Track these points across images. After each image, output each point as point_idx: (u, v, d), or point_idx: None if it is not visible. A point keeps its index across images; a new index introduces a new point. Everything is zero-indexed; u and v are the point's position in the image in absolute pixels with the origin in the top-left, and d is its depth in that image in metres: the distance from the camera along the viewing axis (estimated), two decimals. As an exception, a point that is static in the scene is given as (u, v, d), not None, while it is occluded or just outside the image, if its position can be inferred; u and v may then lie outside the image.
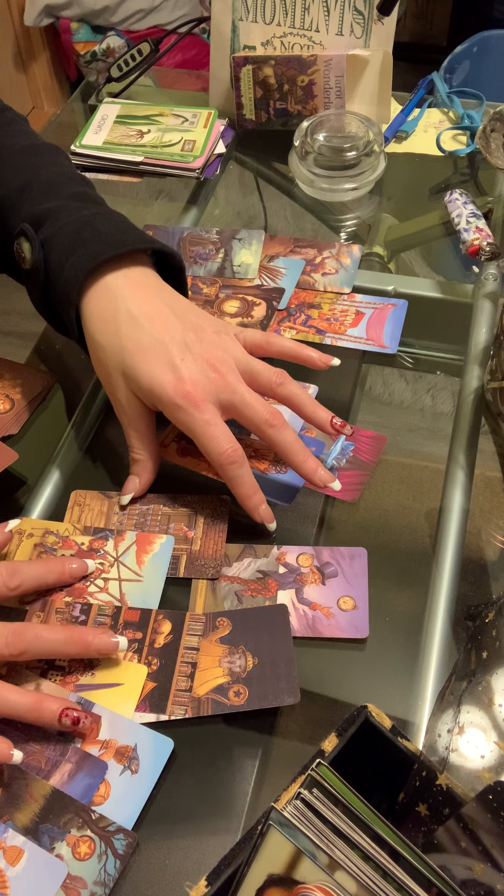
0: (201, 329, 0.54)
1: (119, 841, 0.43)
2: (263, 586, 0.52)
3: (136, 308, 0.54)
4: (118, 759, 0.45)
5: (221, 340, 0.55)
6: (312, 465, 0.53)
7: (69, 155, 0.85)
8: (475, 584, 0.53)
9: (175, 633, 0.50)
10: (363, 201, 0.82)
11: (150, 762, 0.45)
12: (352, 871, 0.33)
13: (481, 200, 0.80)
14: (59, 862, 0.42)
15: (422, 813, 0.39)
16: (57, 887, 0.41)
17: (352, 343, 0.67)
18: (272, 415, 0.53)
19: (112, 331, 0.53)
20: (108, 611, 0.51)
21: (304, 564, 0.53)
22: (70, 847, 0.42)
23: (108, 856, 0.42)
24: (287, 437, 0.53)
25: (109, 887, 0.41)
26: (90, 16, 2.16)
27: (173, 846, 0.43)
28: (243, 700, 0.47)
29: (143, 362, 0.52)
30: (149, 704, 0.47)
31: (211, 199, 0.85)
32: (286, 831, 0.34)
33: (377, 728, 0.41)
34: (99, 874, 0.42)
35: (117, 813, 0.43)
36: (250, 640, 0.50)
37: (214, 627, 0.51)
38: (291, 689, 0.47)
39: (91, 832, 0.43)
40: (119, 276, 0.55)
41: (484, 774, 0.39)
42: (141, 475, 0.56)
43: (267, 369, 0.55)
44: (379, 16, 0.81)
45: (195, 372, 0.52)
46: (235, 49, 0.87)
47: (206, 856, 0.43)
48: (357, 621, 0.51)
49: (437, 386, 0.66)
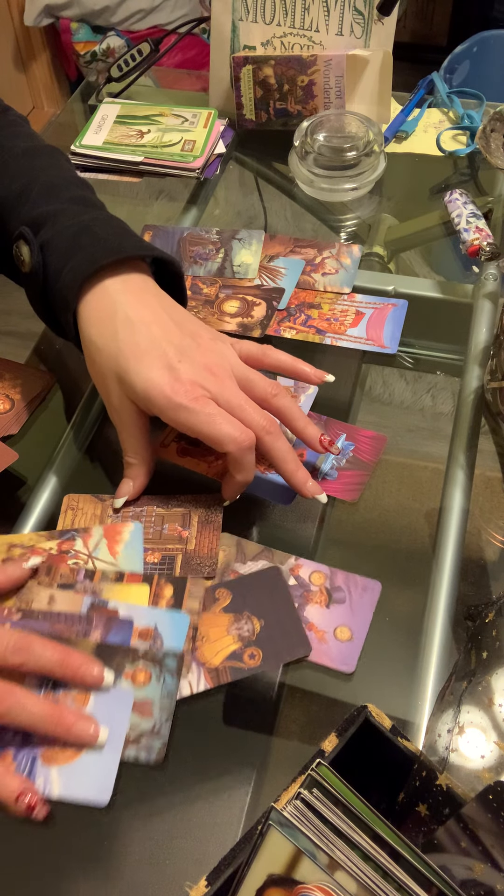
0: (199, 336, 0.54)
1: (171, 660, 0.48)
2: None
3: (133, 313, 0.53)
4: (143, 638, 0.49)
5: (218, 347, 0.55)
6: (303, 475, 0.53)
7: (69, 155, 0.85)
8: (475, 584, 0.53)
9: (177, 596, 0.51)
10: (363, 201, 0.82)
11: (172, 636, 0.49)
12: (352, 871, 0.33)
13: (481, 200, 0.80)
14: (123, 690, 0.47)
15: (422, 813, 0.39)
16: (128, 711, 0.46)
17: (352, 343, 0.67)
18: (269, 422, 0.53)
19: (109, 334, 0.53)
20: (111, 576, 0.52)
21: (314, 582, 0.52)
22: (129, 679, 0.48)
23: (164, 676, 0.48)
24: (282, 446, 0.53)
25: (174, 698, 0.47)
26: (90, 16, 2.16)
27: (173, 846, 0.43)
28: (259, 661, 0.49)
29: (140, 365, 0.52)
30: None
31: (211, 199, 0.85)
32: (286, 831, 0.34)
33: (377, 728, 0.41)
34: (161, 691, 0.47)
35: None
36: (252, 604, 0.51)
37: (215, 599, 0.52)
38: (301, 642, 0.49)
39: (143, 663, 0.48)
40: (117, 281, 0.55)
41: (484, 774, 0.39)
42: (135, 479, 0.56)
43: (262, 379, 0.55)
44: (379, 16, 0.81)
45: (192, 373, 0.52)
46: (235, 49, 0.87)
47: (206, 856, 0.43)
48: (347, 654, 0.49)
49: (437, 386, 0.66)
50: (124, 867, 0.42)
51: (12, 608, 0.51)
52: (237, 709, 0.48)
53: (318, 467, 0.59)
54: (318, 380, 0.58)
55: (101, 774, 0.44)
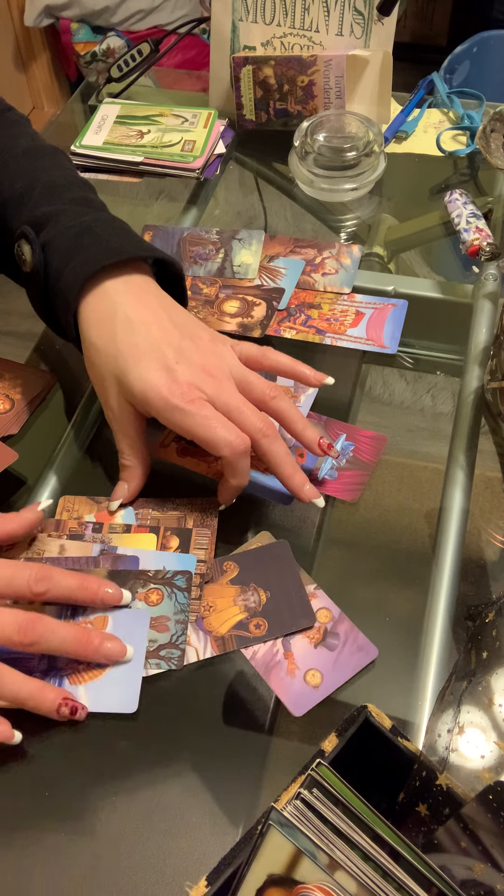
0: (198, 337, 0.54)
1: (180, 579, 0.51)
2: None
3: (133, 313, 0.54)
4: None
5: (217, 349, 0.55)
6: (300, 479, 0.53)
7: (69, 155, 0.85)
8: (475, 584, 0.53)
9: (182, 547, 0.54)
10: (363, 201, 0.82)
11: (180, 567, 0.52)
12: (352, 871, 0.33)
13: (481, 200, 0.80)
14: (139, 610, 0.50)
15: (422, 813, 0.39)
16: (146, 628, 0.49)
17: (352, 343, 0.67)
18: (267, 425, 0.52)
19: (108, 335, 0.53)
20: (118, 528, 0.54)
21: (318, 619, 0.51)
22: (143, 600, 0.51)
23: (175, 593, 0.51)
24: (279, 450, 0.53)
25: (187, 612, 0.50)
26: (90, 16, 2.16)
27: (173, 846, 0.43)
28: (264, 631, 0.50)
29: (138, 367, 0.52)
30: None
31: (211, 200, 0.85)
32: (286, 831, 0.34)
33: (377, 728, 0.41)
34: (175, 607, 0.50)
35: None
36: (259, 577, 0.52)
37: (223, 571, 0.53)
38: (306, 613, 0.51)
39: (154, 584, 0.51)
40: (118, 282, 0.55)
41: (484, 774, 0.39)
42: (130, 481, 0.56)
43: (261, 381, 0.55)
44: (379, 16, 0.81)
45: (190, 375, 0.52)
46: (235, 49, 0.87)
47: (206, 856, 0.43)
48: (305, 699, 0.47)
49: (437, 386, 0.66)
50: (124, 867, 0.42)
51: (23, 558, 0.53)
52: (237, 709, 0.48)
53: (319, 468, 0.59)
54: (318, 382, 0.58)
55: (127, 687, 0.47)
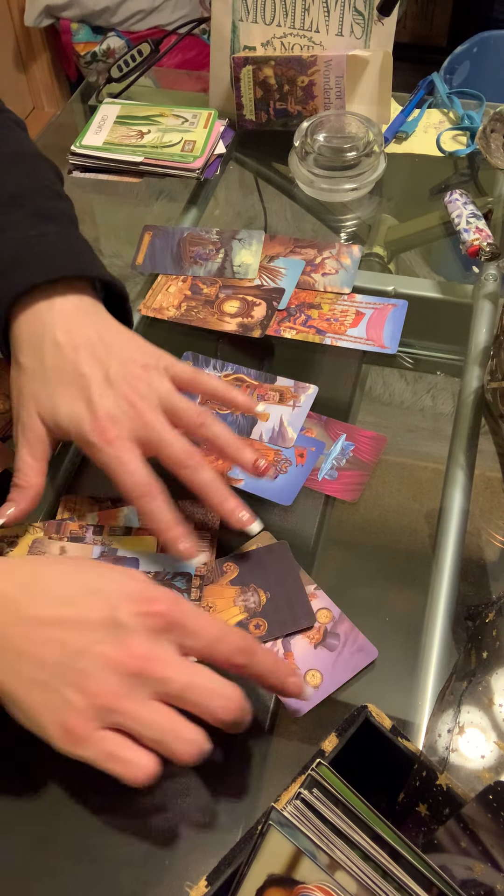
0: (129, 362, 0.53)
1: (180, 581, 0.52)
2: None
3: (62, 336, 0.53)
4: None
5: (147, 375, 0.53)
6: (230, 505, 0.52)
7: (69, 156, 0.85)
8: (475, 584, 0.53)
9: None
10: (363, 202, 0.82)
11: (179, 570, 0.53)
12: (352, 871, 0.33)
13: (481, 201, 0.80)
14: None
15: (422, 813, 0.39)
16: None
17: (352, 343, 0.67)
18: (187, 455, 0.51)
19: (36, 357, 0.53)
20: (119, 530, 0.55)
21: (318, 619, 0.51)
22: None
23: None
24: (203, 478, 0.51)
25: None
26: (90, 16, 2.16)
27: (173, 846, 0.43)
28: (264, 631, 0.50)
29: (62, 395, 0.51)
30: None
31: (211, 200, 0.85)
32: (286, 831, 0.34)
33: (377, 728, 0.41)
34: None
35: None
36: (259, 577, 0.52)
37: (223, 572, 0.53)
38: (306, 614, 0.51)
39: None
40: (52, 302, 0.54)
41: (484, 774, 0.39)
42: (19, 502, 0.52)
43: (190, 408, 0.53)
44: (379, 16, 0.81)
45: (112, 408, 0.51)
46: (235, 49, 0.87)
47: (206, 856, 0.43)
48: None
49: (438, 386, 0.66)
50: (124, 867, 0.42)
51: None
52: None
53: (319, 468, 0.59)
54: (248, 409, 0.56)
55: None
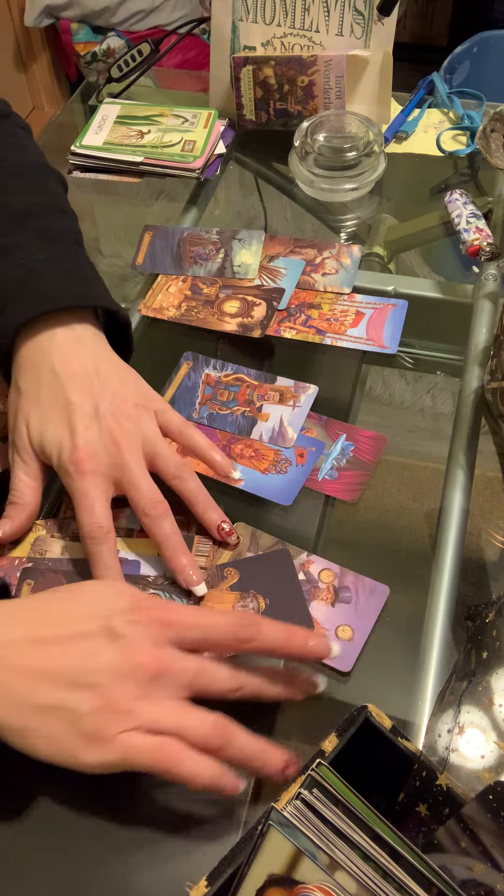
0: (121, 399, 0.54)
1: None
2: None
3: (60, 366, 0.53)
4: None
5: (137, 414, 0.54)
6: (181, 563, 0.51)
7: (69, 156, 0.85)
8: (475, 584, 0.53)
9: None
10: (363, 201, 0.82)
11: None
12: (352, 871, 0.33)
13: (481, 201, 0.80)
14: None
15: (422, 813, 0.39)
16: None
17: (352, 343, 0.67)
18: (152, 504, 0.51)
19: (34, 383, 0.54)
20: (120, 533, 0.54)
21: (323, 580, 0.52)
22: None
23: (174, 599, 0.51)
24: (160, 530, 0.51)
25: None
26: (90, 16, 2.16)
27: (173, 846, 0.43)
28: None
29: (49, 421, 0.52)
30: None
31: (211, 200, 0.85)
32: (286, 831, 0.34)
33: (377, 728, 0.41)
34: None
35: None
36: (259, 584, 0.52)
37: (223, 577, 0.53)
38: (305, 621, 0.50)
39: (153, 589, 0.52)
40: (54, 332, 0.55)
41: (484, 774, 0.39)
42: (14, 519, 0.53)
43: (171, 458, 0.53)
44: (379, 16, 0.81)
45: (94, 441, 0.51)
46: (236, 49, 0.87)
47: (206, 856, 0.42)
48: (346, 653, 0.49)
49: (438, 386, 0.66)
50: (124, 867, 0.42)
51: (24, 559, 0.53)
52: (237, 709, 0.48)
53: (319, 468, 0.59)
54: (224, 472, 0.57)
55: None
